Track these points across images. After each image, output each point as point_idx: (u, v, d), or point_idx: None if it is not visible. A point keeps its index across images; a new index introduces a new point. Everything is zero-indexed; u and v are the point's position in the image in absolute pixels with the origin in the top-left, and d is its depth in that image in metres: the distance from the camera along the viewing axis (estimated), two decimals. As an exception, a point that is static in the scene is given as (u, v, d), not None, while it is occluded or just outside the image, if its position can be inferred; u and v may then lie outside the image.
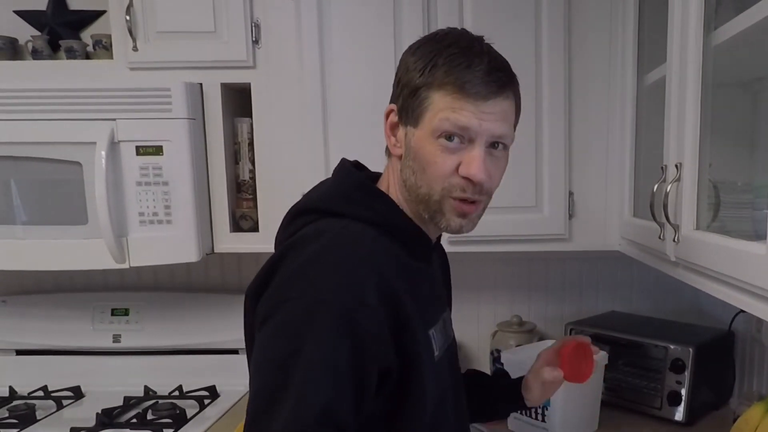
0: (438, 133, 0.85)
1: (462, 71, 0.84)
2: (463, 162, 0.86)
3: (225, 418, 1.71)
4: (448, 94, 0.84)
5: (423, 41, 0.89)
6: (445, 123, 0.84)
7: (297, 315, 0.77)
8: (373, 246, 0.85)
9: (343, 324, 0.76)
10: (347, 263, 0.80)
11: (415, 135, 0.88)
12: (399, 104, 0.90)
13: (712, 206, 1.11)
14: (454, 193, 0.88)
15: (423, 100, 0.86)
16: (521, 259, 1.98)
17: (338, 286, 0.78)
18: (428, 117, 0.86)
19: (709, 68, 1.04)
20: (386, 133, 0.93)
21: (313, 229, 0.86)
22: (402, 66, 0.90)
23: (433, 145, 0.86)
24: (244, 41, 1.59)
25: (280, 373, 0.75)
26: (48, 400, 1.83)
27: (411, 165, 0.89)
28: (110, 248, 1.54)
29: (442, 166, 0.86)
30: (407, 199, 0.92)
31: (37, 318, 1.97)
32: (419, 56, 0.87)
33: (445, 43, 0.86)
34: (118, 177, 1.56)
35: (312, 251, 0.82)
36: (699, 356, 1.56)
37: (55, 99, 1.53)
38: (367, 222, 0.87)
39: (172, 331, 1.95)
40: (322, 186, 0.97)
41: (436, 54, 0.85)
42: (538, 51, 1.55)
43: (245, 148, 1.71)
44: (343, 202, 0.90)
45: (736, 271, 0.85)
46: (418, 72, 0.86)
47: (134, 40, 1.58)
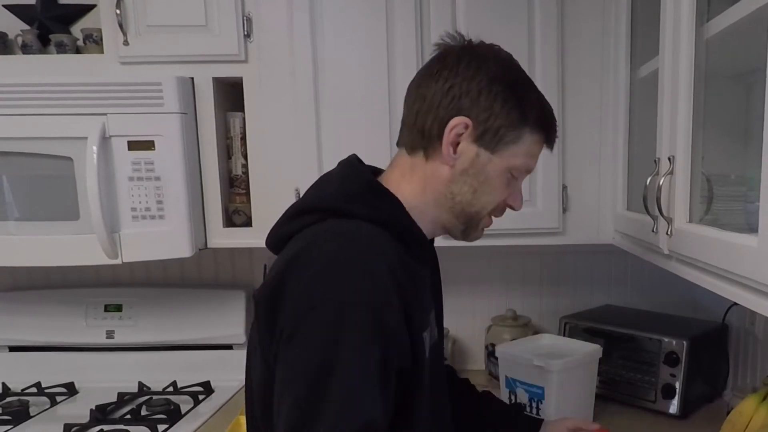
0: (512, 171, 0.93)
1: (550, 119, 0.96)
2: (511, 194, 0.97)
3: (219, 413, 1.71)
4: (537, 143, 0.94)
5: (502, 67, 0.92)
6: (524, 168, 0.95)
7: (326, 323, 0.76)
8: (387, 247, 0.84)
9: (373, 325, 0.77)
10: (367, 265, 0.80)
11: (492, 161, 0.92)
12: (479, 126, 0.90)
13: (705, 199, 1.11)
14: (494, 214, 0.98)
15: (516, 138, 0.92)
16: (515, 253, 1.98)
17: (362, 288, 0.78)
18: (513, 151, 0.92)
19: (702, 61, 1.04)
20: (446, 141, 0.90)
21: (323, 230, 0.85)
22: (492, 87, 0.90)
23: (503, 177, 0.94)
24: (236, 35, 1.58)
25: (318, 386, 0.74)
26: (41, 397, 1.83)
27: (473, 184, 0.93)
28: (102, 244, 1.53)
29: (501, 196, 0.96)
30: (441, 205, 0.95)
31: (30, 314, 1.96)
32: (516, 91, 0.91)
33: (527, 79, 0.95)
34: (109, 172, 1.55)
35: (330, 254, 0.81)
36: (693, 349, 1.56)
37: (46, 94, 1.52)
38: (376, 222, 0.87)
39: (166, 327, 1.95)
40: (328, 183, 0.95)
41: (529, 95, 0.93)
42: (531, 44, 1.54)
43: (238, 142, 1.71)
44: (352, 202, 0.89)
45: (729, 264, 0.85)
46: (517, 111, 0.91)
47: (125, 34, 1.57)
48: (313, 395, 0.73)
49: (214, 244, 1.70)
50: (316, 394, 0.73)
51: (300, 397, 0.74)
